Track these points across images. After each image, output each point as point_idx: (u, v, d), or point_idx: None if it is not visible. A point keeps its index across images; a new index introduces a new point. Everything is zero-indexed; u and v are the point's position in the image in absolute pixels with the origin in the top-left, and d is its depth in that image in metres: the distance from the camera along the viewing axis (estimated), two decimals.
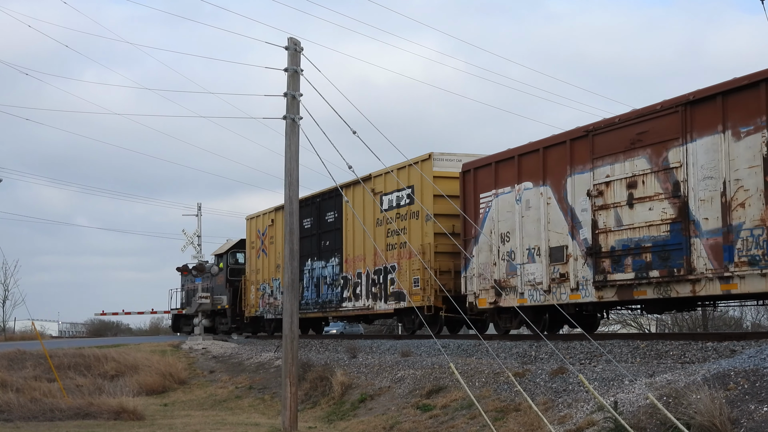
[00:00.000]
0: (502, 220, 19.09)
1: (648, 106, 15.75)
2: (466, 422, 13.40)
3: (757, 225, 13.50)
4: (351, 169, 13.47)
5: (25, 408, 18.84)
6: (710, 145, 14.31)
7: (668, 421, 9.83)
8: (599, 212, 16.49)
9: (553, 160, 17.60)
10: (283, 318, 13.76)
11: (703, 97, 14.40)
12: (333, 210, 26.55)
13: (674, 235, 14.96)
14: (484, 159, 19.79)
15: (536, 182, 18.06)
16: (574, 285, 17.04)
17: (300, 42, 13.65)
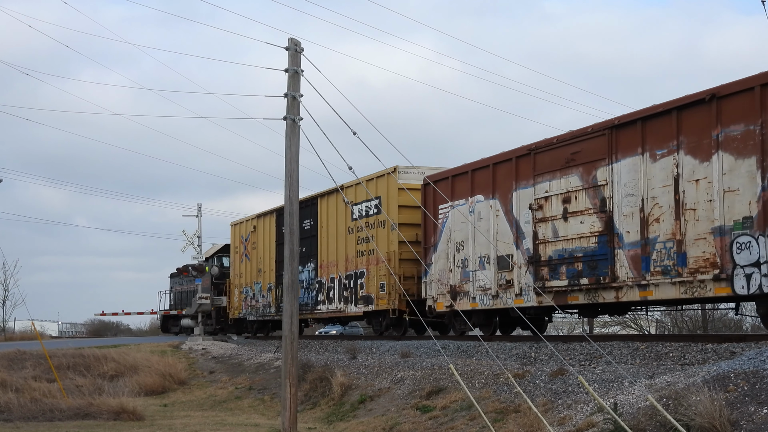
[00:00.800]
0: (457, 230, 20.61)
1: (580, 128, 17.16)
2: (465, 423, 13.40)
3: (669, 238, 15.10)
4: (351, 170, 13.46)
5: (24, 408, 18.85)
6: (632, 166, 15.89)
7: (668, 422, 9.84)
8: (539, 224, 18.03)
9: (501, 175, 19.07)
10: (283, 319, 13.77)
11: (626, 121, 15.93)
12: (309, 218, 27.75)
13: (601, 247, 16.47)
14: (443, 173, 21.26)
15: (487, 195, 19.56)
16: (518, 291, 18.56)
17: (300, 42, 13.65)
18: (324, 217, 27.06)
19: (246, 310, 32.81)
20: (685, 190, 14.86)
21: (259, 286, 31.76)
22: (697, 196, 14.66)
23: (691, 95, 14.88)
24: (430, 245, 21.68)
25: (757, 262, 13.53)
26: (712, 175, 14.37)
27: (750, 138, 13.74)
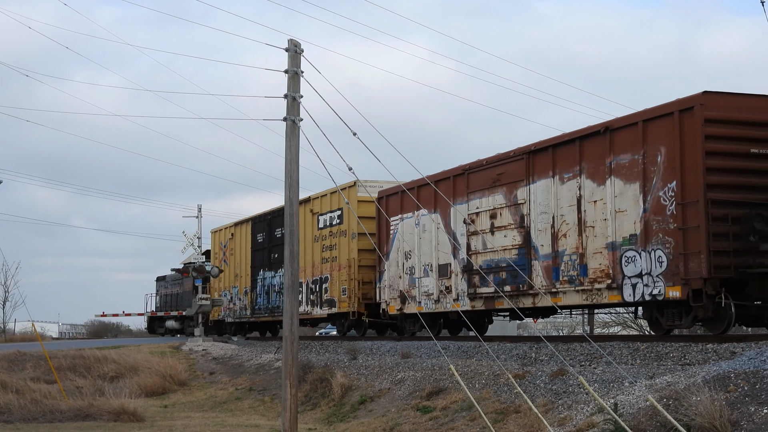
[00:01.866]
0: (405, 240, 22.81)
1: (504, 152, 19.25)
2: (466, 424, 13.40)
3: (573, 251, 17.22)
4: (351, 171, 13.45)
5: (25, 409, 18.84)
6: (545, 187, 17.97)
7: (668, 423, 9.83)
8: (472, 237, 20.13)
9: (442, 191, 20.80)
10: (284, 319, 13.78)
11: (540, 148, 18.03)
12: (281, 226, 29.15)
13: (521, 258, 18.52)
14: (394, 188, 23.16)
15: (430, 210, 21.65)
16: (455, 296, 20.62)
17: (300, 44, 13.63)
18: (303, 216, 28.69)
19: (225, 312, 34.63)
20: (586, 210, 16.97)
21: (236, 289, 33.70)
22: (595, 215, 16.79)
23: (590, 127, 16.93)
24: (384, 254, 23.68)
25: (640, 273, 15.67)
26: (606, 197, 16.48)
27: (635, 166, 15.87)
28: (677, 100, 15.31)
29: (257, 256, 31.96)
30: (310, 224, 27.83)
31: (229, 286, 34.44)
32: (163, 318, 42.07)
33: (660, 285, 15.28)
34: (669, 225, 15.19)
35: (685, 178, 14.96)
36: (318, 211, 27.36)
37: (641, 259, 15.64)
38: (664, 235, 15.27)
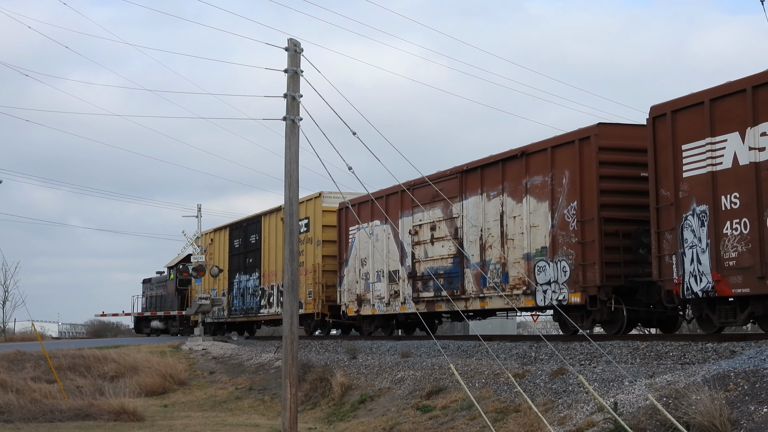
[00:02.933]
0: (362, 248, 25.11)
1: (442, 171, 21.47)
2: (466, 423, 13.40)
3: (497, 261, 19.44)
4: (351, 170, 13.44)
5: (25, 409, 18.84)
6: (475, 203, 20.16)
7: (668, 421, 9.84)
8: (416, 246, 22.44)
9: (392, 205, 23.31)
10: (283, 319, 13.78)
11: (471, 168, 20.10)
12: (255, 233, 32.25)
13: (455, 266, 20.76)
14: (353, 200, 25.29)
15: (382, 221, 23.85)
16: (403, 300, 22.97)
17: (300, 43, 13.61)
18: (266, 233, 31.27)
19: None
20: (507, 224, 19.20)
21: (215, 292, 35.71)
22: (514, 229, 19.01)
23: (511, 150, 19.14)
24: (344, 260, 26.15)
25: (549, 281, 17.88)
26: (523, 213, 18.69)
27: (545, 186, 18.07)
28: (578, 129, 17.44)
29: (234, 261, 34.28)
30: (281, 232, 29.34)
31: (208, 289, 36.18)
32: (148, 318, 43.91)
33: (564, 291, 17.51)
34: (571, 239, 17.38)
35: (584, 198, 17.10)
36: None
37: (550, 268, 17.94)
38: (568, 248, 17.49)
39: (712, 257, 14.39)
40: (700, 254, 14.65)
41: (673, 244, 15.16)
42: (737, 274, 14.03)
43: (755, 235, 13.71)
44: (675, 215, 15.12)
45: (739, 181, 14.04)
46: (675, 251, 15.10)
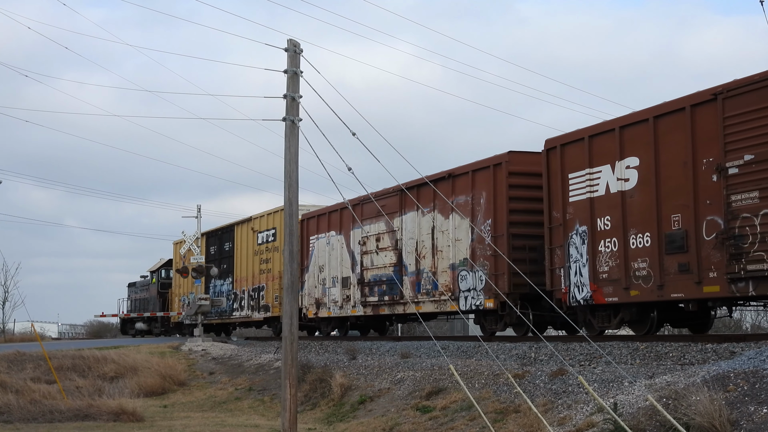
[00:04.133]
0: (320, 256, 27.55)
1: (386, 188, 23.71)
2: (465, 424, 13.40)
3: (430, 269, 21.63)
4: (350, 171, 13.43)
5: (24, 409, 18.83)
6: (412, 218, 22.48)
7: (668, 422, 9.84)
8: (364, 255, 24.67)
9: (345, 217, 25.94)
10: (283, 320, 13.76)
11: (409, 186, 21.66)
12: (229, 241, 34.87)
13: (395, 274, 23.03)
14: (314, 212, 28.29)
15: (337, 232, 26.45)
16: (353, 303, 25.29)
17: (299, 44, 13.61)
18: (239, 241, 33.83)
19: (184, 315, 38.36)
20: (437, 237, 21.40)
21: (193, 295, 37.22)
22: (443, 241, 21.20)
23: (441, 173, 21.14)
24: (305, 267, 28.47)
25: (469, 288, 20.13)
26: (449, 228, 20.92)
27: (467, 205, 20.30)
28: (493, 156, 19.75)
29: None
30: (251, 240, 32.43)
31: (186, 292, 38.73)
32: (133, 320, 46.74)
33: (481, 298, 19.78)
34: (487, 252, 19.64)
35: (497, 216, 19.43)
36: (257, 229, 32.02)
37: (470, 277, 20.23)
38: (484, 259, 19.76)
39: (591, 270, 16.72)
40: (581, 268, 17.02)
41: (562, 259, 17.46)
42: (609, 285, 16.36)
43: (622, 252, 16.07)
44: (563, 234, 17.43)
45: (610, 206, 16.37)
46: (563, 265, 17.42)
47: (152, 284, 44.54)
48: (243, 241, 33.44)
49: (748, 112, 13.71)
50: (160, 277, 43.98)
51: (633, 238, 15.89)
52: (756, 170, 13.61)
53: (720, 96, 14.13)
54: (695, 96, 14.71)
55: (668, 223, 15.17)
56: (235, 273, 33.99)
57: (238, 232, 33.95)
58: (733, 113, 13.94)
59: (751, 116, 13.67)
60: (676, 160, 14.98)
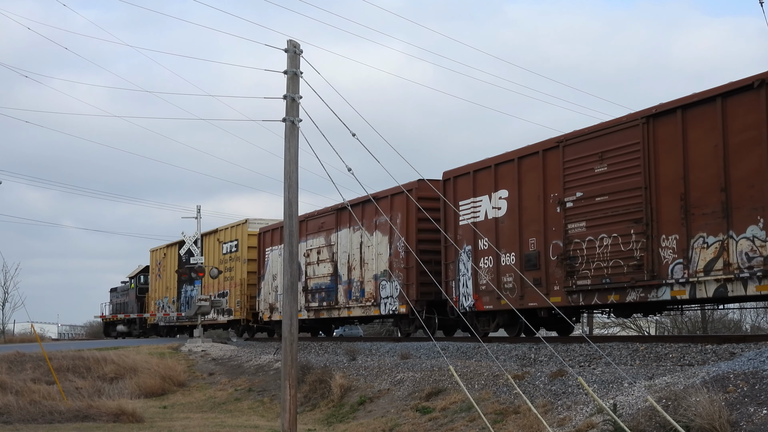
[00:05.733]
0: (273, 266, 30.73)
1: (325, 208, 27.38)
2: (465, 425, 13.40)
3: (358, 279, 25.11)
4: (351, 172, 13.43)
5: (24, 410, 18.82)
6: (346, 234, 25.96)
7: (667, 423, 9.83)
8: (308, 266, 28.17)
9: None
10: (283, 320, 13.77)
11: (342, 207, 25.54)
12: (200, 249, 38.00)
13: (332, 283, 26.63)
14: (269, 226, 31.63)
15: None
16: (300, 308, 27.89)
17: (299, 44, 13.60)
18: (207, 250, 36.83)
19: (158, 317, 43.00)
20: (364, 251, 24.80)
21: (166, 299, 41.80)
22: (369, 255, 24.53)
23: (365, 195, 21.96)
24: (261, 275, 31.82)
25: (388, 296, 23.54)
26: (373, 244, 24.28)
27: (387, 225, 23.54)
28: (407, 183, 22.48)
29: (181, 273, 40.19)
30: (217, 250, 35.76)
31: (161, 296, 42.51)
32: (115, 322, 49.69)
33: (396, 304, 23.13)
34: (401, 265, 22.97)
35: (408, 235, 22.68)
36: (222, 240, 35.50)
37: (389, 286, 23.57)
38: (399, 271, 23.04)
39: (474, 283, 20.13)
40: (467, 281, 20.36)
41: (454, 273, 20.87)
42: (486, 295, 19.70)
43: (495, 268, 19.41)
44: (455, 252, 20.84)
45: (487, 230, 19.61)
46: (455, 278, 20.80)
47: (131, 289, 48.00)
48: (210, 251, 36.63)
49: (579, 158, 17.04)
50: (138, 282, 47.23)
51: (503, 257, 19.23)
52: (584, 204, 16.96)
53: (561, 144, 17.46)
54: (546, 143, 18.01)
55: (527, 245, 18.46)
56: (203, 279, 36.84)
57: (206, 242, 37.09)
58: (569, 158, 17.29)
59: (580, 162, 17.00)
60: (533, 194, 18.16)
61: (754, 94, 13.85)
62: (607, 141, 16.51)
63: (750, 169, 13.92)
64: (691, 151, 14.91)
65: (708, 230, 14.54)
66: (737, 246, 14.06)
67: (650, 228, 15.57)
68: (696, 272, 14.68)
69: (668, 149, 15.32)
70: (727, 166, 14.24)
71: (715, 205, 14.45)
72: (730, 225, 14.17)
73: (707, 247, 14.56)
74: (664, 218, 15.36)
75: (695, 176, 14.83)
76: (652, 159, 15.61)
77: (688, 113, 15.00)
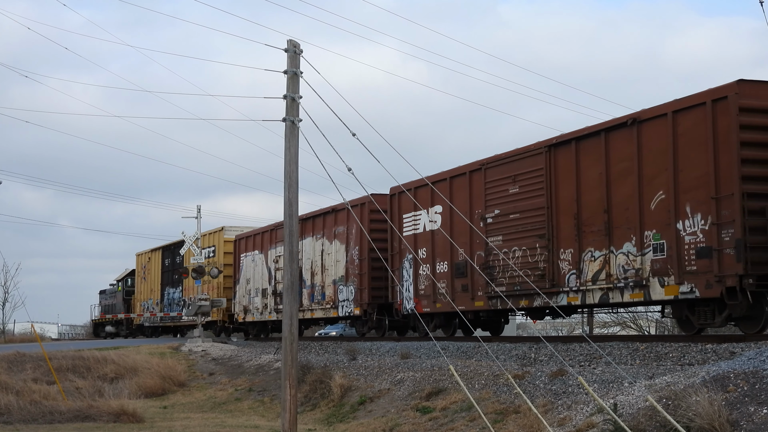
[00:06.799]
0: (247, 271, 33.21)
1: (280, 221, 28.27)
2: (465, 424, 13.40)
3: (320, 284, 27.68)
4: (351, 172, 13.43)
5: (24, 410, 18.82)
6: (310, 242, 28.31)
7: (668, 423, 9.84)
8: (277, 271, 30.24)
9: (266, 239, 31.68)
10: (283, 320, 13.77)
11: (306, 218, 28.03)
12: (179, 255, 39.39)
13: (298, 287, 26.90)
14: (244, 234, 34.23)
15: (260, 251, 32.14)
16: (270, 310, 31.12)
17: (299, 44, 13.59)
18: (187, 256, 37.64)
19: (144, 318, 45.06)
20: (325, 258, 27.26)
21: (151, 301, 44.09)
22: (329, 262, 27.05)
23: (325, 207, 27.35)
24: (237, 279, 34.42)
25: (345, 299, 26.05)
26: (332, 252, 26.69)
27: (344, 234, 26.09)
28: (362, 197, 24.25)
29: (165, 276, 42.65)
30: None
31: (146, 298, 44.90)
32: (103, 323, 51.81)
33: (351, 306, 25.60)
34: (356, 271, 25.34)
35: (362, 244, 24.96)
36: (201, 246, 37.03)
37: (345, 290, 26.02)
38: (354, 277, 25.47)
39: (414, 288, 22.47)
40: (409, 286, 22.72)
41: (398, 279, 23.11)
42: (425, 299, 22.01)
43: (432, 275, 21.62)
44: (399, 260, 23.16)
45: (425, 241, 22.00)
46: (400, 283, 23.11)
47: (118, 292, 50.28)
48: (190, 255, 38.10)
49: (497, 179, 19.23)
50: (125, 285, 49.50)
51: (438, 265, 21.48)
52: (501, 221, 19.25)
53: (484, 167, 19.64)
54: (472, 165, 20.15)
55: (457, 255, 20.60)
56: (185, 283, 38.94)
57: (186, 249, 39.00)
58: (490, 179, 19.50)
59: (498, 183, 19.23)
60: (463, 210, 20.00)
61: (628, 131, 16.03)
62: (519, 165, 18.72)
63: (625, 194, 16.15)
64: (582, 177, 17.13)
65: (595, 245, 16.82)
66: (616, 260, 16.31)
67: (551, 243, 17.84)
68: (586, 281, 16.99)
69: (566, 175, 17.54)
70: (609, 191, 16.52)
71: (600, 224, 16.70)
72: (611, 241, 16.44)
73: (594, 260, 16.92)
74: (562, 234, 17.62)
75: (586, 199, 17.07)
76: (553, 183, 17.85)
77: (580, 144, 17.19)
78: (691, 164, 14.86)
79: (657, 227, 15.45)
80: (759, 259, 13.95)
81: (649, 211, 15.61)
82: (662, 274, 15.32)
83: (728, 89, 14.21)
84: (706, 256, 14.47)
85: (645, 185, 15.68)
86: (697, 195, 14.74)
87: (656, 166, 15.48)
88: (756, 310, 14.44)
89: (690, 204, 14.89)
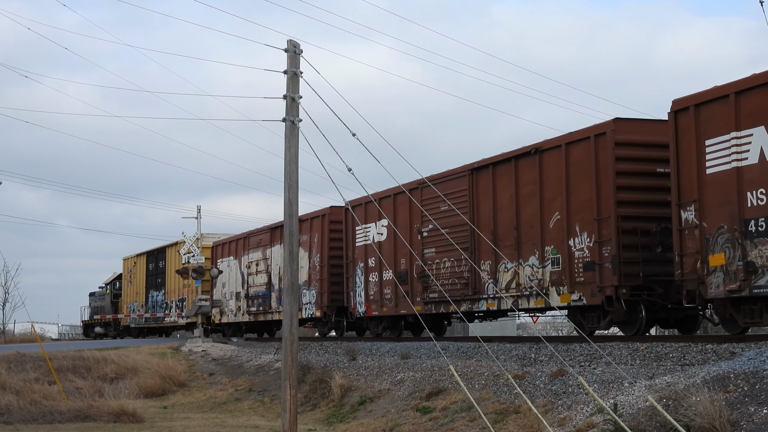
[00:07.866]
0: (223, 275, 35.30)
1: (262, 227, 32.09)
2: (465, 424, 13.40)
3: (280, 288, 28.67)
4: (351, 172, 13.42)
5: (24, 410, 18.83)
6: (278, 249, 29.70)
7: (668, 423, 9.84)
8: (249, 276, 32.69)
9: (239, 246, 34.02)
10: (283, 320, 13.77)
11: (276, 226, 29.87)
12: (162, 260, 43.09)
13: (267, 291, 31.22)
14: (221, 240, 36.56)
15: (235, 256, 34.41)
16: (243, 312, 33.48)
17: (299, 44, 13.59)
18: (169, 261, 41.48)
19: (130, 319, 47.68)
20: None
21: (137, 303, 46.70)
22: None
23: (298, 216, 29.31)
24: (214, 283, 36.62)
25: (308, 302, 28.29)
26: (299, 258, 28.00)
27: (308, 242, 28.34)
28: (322, 209, 27.85)
29: (149, 280, 45.10)
30: (178, 260, 38.14)
31: (132, 301, 47.72)
32: (93, 324, 54.29)
33: (313, 309, 28.02)
34: (317, 277, 27.80)
35: (322, 252, 27.63)
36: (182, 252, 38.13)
37: (308, 294, 28.34)
38: (315, 282, 27.92)
39: (365, 293, 24.71)
40: (361, 291, 24.93)
41: (352, 285, 25.48)
42: (374, 303, 24.38)
43: (379, 282, 24.01)
44: (353, 268, 25.43)
45: (374, 251, 24.09)
46: (353, 289, 25.39)
47: (107, 294, 52.81)
48: (172, 261, 40.50)
49: (432, 197, 20.85)
50: (113, 288, 52.10)
51: (385, 273, 23.64)
52: (434, 235, 21.38)
53: (421, 186, 21.08)
54: (411, 183, 21.50)
55: (399, 264, 23.06)
56: (167, 286, 41.59)
57: (168, 253, 41.76)
58: (426, 197, 21.33)
59: (432, 200, 20.98)
60: (404, 224, 22.47)
61: (532, 159, 18.37)
62: (449, 186, 20.68)
63: (531, 213, 18.51)
64: (498, 197, 19.51)
65: (508, 258, 19.02)
66: (524, 271, 18.63)
67: (474, 255, 20.12)
68: (501, 290, 19.30)
69: (485, 195, 19.93)
70: (518, 211, 18.88)
71: (512, 239, 19.03)
72: (520, 255, 18.76)
73: (507, 271, 19.28)
74: (483, 248, 19.87)
75: (501, 217, 19.46)
76: (475, 202, 20.25)
77: (496, 169, 19.59)
78: (580, 189, 17.15)
79: (554, 243, 17.81)
80: (631, 272, 16.27)
81: (549, 229, 17.96)
82: (558, 284, 17.64)
83: (606, 126, 16.56)
84: (591, 269, 16.83)
85: (545, 206, 18.01)
86: (585, 216, 17.04)
87: (554, 191, 17.77)
88: (632, 316, 16.72)
89: (579, 224, 17.20)
